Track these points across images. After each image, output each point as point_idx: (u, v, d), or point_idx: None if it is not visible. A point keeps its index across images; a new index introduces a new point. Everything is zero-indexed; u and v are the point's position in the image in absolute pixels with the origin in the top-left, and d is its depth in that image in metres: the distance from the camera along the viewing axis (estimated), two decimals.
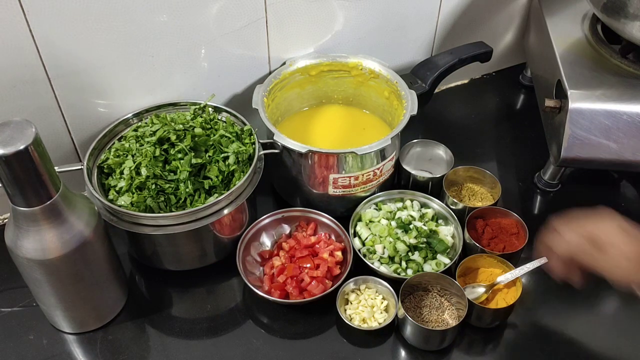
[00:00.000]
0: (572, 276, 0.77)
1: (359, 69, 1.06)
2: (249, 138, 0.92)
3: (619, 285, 0.73)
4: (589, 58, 1.00)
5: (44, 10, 0.80)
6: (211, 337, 0.87)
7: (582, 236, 0.75)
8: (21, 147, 0.64)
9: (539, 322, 0.88)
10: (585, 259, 0.74)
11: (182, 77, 0.98)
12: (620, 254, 0.73)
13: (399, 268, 0.91)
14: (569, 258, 0.76)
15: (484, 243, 0.92)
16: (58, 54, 0.84)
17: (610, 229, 0.74)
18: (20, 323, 0.87)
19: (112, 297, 0.86)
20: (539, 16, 1.13)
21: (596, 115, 0.92)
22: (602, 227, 0.75)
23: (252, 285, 0.86)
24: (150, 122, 0.92)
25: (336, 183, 0.93)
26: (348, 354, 0.84)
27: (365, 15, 1.07)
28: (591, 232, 0.75)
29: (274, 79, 1.01)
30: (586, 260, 0.74)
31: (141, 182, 0.84)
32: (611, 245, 0.73)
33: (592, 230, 0.75)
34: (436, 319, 0.85)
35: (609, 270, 0.73)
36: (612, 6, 0.93)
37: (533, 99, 1.19)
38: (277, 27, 1.00)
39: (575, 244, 0.75)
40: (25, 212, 0.70)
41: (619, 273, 0.73)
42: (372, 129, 1.08)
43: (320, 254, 0.91)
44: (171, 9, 0.88)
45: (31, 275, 0.77)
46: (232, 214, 0.87)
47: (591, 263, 0.74)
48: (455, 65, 1.08)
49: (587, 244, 0.74)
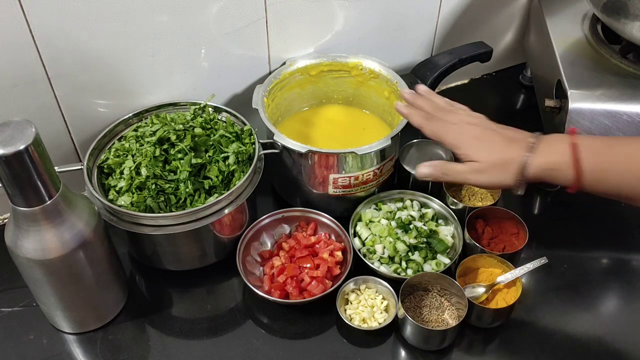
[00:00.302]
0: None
1: (359, 69, 1.06)
2: (249, 138, 0.92)
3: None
4: (589, 58, 1.00)
5: (44, 10, 0.80)
6: (211, 337, 0.87)
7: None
8: (21, 147, 0.64)
9: (539, 322, 0.88)
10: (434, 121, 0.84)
11: (182, 77, 0.98)
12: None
13: (399, 268, 0.91)
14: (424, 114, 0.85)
15: (484, 243, 0.92)
16: (58, 54, 0.84)
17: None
18: (20, 323, 0.87)
19: (112, 297, 0.86)
20: (539, 16, 1.13)
21: (596, 115, 0.92)
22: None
23: (252, 285, 0.86)
24: (150, 122, 0.92)
25: (336, 183, 0.93)
26: (348, 354, 0.84)
27: (366, 15, 1.07)
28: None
29: (274, 79, 1.01)
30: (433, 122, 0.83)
31: (141, 182, 0.84)
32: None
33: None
34: (436, 319, 0.85)
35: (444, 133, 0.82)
36: (612, 6, 0.93)
37: (533, 99, 1.19)
38: (277, 27, 1.00)
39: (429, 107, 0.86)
40: (25, 212, 0.70)
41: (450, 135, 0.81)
42: (372, 129, 1.08)
43: (320, 254, 0.91)
44: (171, 9, 0.88)
45: (31, 275, 0.77)
46: (232, 214, 0.87)
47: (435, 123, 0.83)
48: (455, 65, 1.08)
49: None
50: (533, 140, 0.77)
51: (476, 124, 0.82)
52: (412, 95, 0.89)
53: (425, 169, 0.82)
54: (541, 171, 0.76)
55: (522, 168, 0.76)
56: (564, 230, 1.01)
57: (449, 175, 0.81)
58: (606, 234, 1.00)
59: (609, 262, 0.97)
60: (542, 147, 0.76)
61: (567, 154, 0.74)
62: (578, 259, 0.97)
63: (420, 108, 0.86)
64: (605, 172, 0.73)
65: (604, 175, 0.73)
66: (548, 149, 0.76)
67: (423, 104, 0.86)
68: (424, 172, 0.82)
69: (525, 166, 0.76)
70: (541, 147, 0.76)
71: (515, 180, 0.77)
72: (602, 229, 1.01)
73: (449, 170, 0.81)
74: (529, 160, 0.76)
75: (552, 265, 0.94)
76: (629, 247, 0.99)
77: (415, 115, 0.85)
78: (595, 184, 0.74)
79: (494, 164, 0.78)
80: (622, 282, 0.94)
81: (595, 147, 0.74)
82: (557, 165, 0.75)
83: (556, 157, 0.75)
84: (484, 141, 0.79)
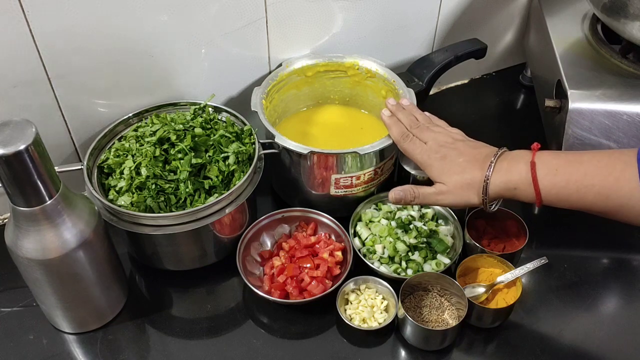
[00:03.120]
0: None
1: (355, 68, 1.06)
2: (249, 138, 0.92)
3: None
4: (589, 58, 1.00)
5: (44, 10, 0.80)
6: (211, 337, 0.87)
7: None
8: (21, 147, 0.64)
9: (539, 322, 0.88)
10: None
11: (182, 77, 0.98)
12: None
13: (399, 268, 0.91)
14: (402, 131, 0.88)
15: (484, 243, 0.92)
16: (58, 54, 0.84)
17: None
18: (20, 323, 0.87)
19: (112, 297, 0.86)
20: (539, 16, 1.13)
21: (596, 115, 0.92)
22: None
23: (252, 285, 0.86)
24: (150, 122, 0.92)
25: (338, 183, 0.93)
26: (348, 354, 0.84)
27: (366, 15, 1.07)
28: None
29: (271, 80, 1.01)
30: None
31: (141, 182, 0.84)
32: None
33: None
34: (436, 319, 0.85)
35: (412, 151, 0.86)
36: (612, 6, 0.93)
37: (533, 99, 1.19)
38: (278, 27, 1.00)
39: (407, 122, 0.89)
40: (25, 212, 0.70)
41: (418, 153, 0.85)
42: (369, 129, 1.08)
43: (320, 254, 0.91)
44: (171, 9, 0.88)
45: (31, 275, 0.77)
46: (232, 214, 0.87)
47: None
48: (451, 62, 1.08)
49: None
50: (494, 159, 0.79)
51: (444, 143, 0.84)
52: (394, 107, 0.93)
53: (396, 193, 0.85)
54: (503, 190, 0.78)
55: (485, 188, 0.78)
56: (564, 230, 1.01)
57: (418, 198, 0.84)
58: (606, 234, 1.00)
59: (609, 262, 0.97)
60: (503, 166, 0.78)
61: (526, 173, 0.76)
62: (578, 259, 0.97)
63: (400, 121, 0.90)
64: (565, 189, 0.75)
65: (565, 192, 0.75)
66: (508, 167, 0.78)
67: (402, 118, 0.90)
68: (396, 197, 0.85)
69: (487, 186, 0.78)
70: (502, 166, 0.78)
71: (481, 199, 0.79)
72: (602, 228, 1.01)
73: (418, 194, 0.84)
74: (490, 180, 0.78)
75: (552, 265, 0.94)
76: (629, 247, 0.99)
77: (394, 129, 0.89)
78: (557, 201, 0.77)
79: (457, 185, 0.80)
80: (622, 282, 0.94)
81: (553, 165, 0.76)
82: (516, 184, 0.77)
83: (515, 176, 0.77)
84: (448, 162, 0.82)
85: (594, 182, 0.73)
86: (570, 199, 0.75)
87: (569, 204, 0.76)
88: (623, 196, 0.72)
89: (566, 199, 0.76)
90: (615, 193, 0.72)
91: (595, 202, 0.74)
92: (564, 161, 0.76)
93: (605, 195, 0.73)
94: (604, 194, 0.73)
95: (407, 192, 0.84)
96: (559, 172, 0.75)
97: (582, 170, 0.74)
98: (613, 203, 0.73)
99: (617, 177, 0.72)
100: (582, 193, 0.74)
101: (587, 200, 0.74)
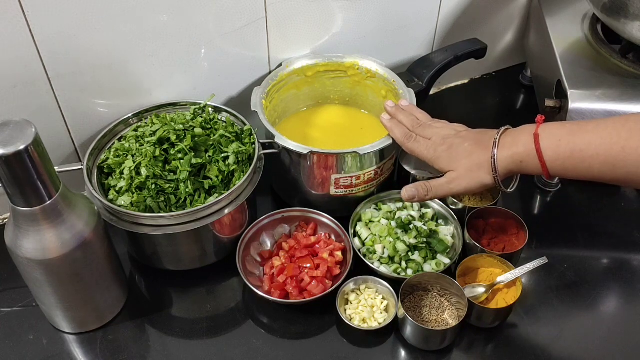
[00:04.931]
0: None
1: (355, 68, 1.06)
2: (249, 138, 0.92)
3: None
4: (589, 58, 1.00)
5: (44, 10, 0.80)
6: (211, 337, 0.87)
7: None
8: (21, 147, 0.64)
9: (539, 322, 0.88)
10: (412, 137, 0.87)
11: (182, 77, 0.98)
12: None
13: (399, 268, 0.91)
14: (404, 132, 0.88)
15: (484, 243, 0.92)
16: (58, 54, 0.84)
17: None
18: (20, 323, 0.87)
19: (112, 297, 0.86)
20: (539, 16, 1.13)
21: (596, 115, 0.92)
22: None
23: (252, 285, 0.86)
24: (150, 122, 0.92)
25: (338, 183, 0.93)
26: (348, 354, 0.84)
27: (366, 15, 1.07)
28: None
29: (271, 80, 1.01)
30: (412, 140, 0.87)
31: (141, 182, 0.84)
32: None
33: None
34: (436, 319, 0.85)
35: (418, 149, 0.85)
36: (612, 6, 0.93)
37: (533, 99, 1.19)
38: (278, 27, 1.00)
39: (408, 123, 0.89)
40: (25, 212, 0.70)
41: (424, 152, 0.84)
42: (369, 129, 1.08)
43: (320, 254, 0.91)
44: (171, 9, 0.88)
45: (31, 275, 0.77)
46: (232, 214, 0.87)
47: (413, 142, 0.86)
48: (451, 62, 1.08)
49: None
50: (497, 136, 0.79)
51: (448, 135, 0.84)
52: (394, 109, 0.92)
53: (409, 191, 0.85)
54: (510, 164, 0.78)
55: (493, 165, 0.78)
56: (564, 230, 1.01)
57: (432, 191, 0.84)
58: (606, 234, 1.00)
59: (609, 262, 0.97)
60: (507, 141, 0.78)
61: (530, 145, 0.76)
62: (578, 259, 0.97)
63: (401, 122, 0.89)
64: (570, 159, 0.74)
65: (570, 162, 0.74)
66: (512, 142, 0.78)
67: (403, 119, 0.90)
68: (409, 195, 0.85)
69: (494, 162, 0.78)
70: (507, 141, 0.78)
71: (492, 177, 0.79)
72: (602, 229, 1.01)
73: (431, 187, 0.83)
74: (496, 157, 0.78)
75: (552, 265, 0.94)
76: (629, 247, 0.99)
77: (396, 131, 0.89)
78: (564, 172, 0.76)
79: (467, 168, 0.80)
80: (622, 282, 0.94)
81: (556, 136, 0.75)
82: (522, 157, 0.77)
83: (520, 148, 0.77)
84: (455, 150, 0.82)
85: (598, 151, 0.72)
86: (577, 169, 0.74)
87: (577, 174, 0.75)
88: (631, 165, 0.70)
89: (573, 169, 0.74)
90: (621, 162, 0.71)
91: (603, 171, 0.72)
92: (568, 131, 0.75)
93: (611, 164, 0.71)
94: (610, 163, 0.71)
95: (420, 188, 0.84)
96: (562, 143, 0.74)
97: (586, 140, 0.73)
98: (621, 172, 0.71)
99: (623, 145, 0.70)
100: (588, 163, 0.73)
101: (594, 170, 0.73)
